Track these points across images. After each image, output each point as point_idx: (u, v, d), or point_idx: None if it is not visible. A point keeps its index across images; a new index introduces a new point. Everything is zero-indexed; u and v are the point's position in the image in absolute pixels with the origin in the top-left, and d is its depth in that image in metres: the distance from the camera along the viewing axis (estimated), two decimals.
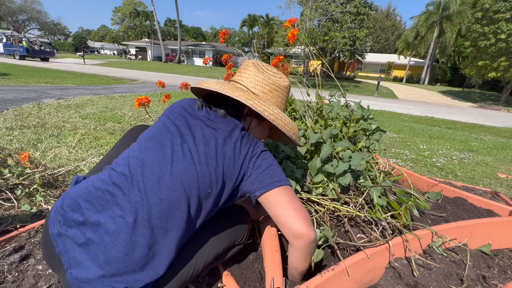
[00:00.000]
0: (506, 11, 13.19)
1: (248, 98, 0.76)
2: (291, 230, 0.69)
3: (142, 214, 0.64)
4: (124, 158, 0.73)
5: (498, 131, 6.48)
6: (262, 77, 0.84)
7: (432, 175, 2.50)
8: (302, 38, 1.19)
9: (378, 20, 39.62)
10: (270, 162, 0.76)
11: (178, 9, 29.41)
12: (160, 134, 0.75)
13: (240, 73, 0.88)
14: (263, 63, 0.90)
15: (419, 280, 0.82)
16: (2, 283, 0.85)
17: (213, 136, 0.74)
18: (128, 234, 0.62)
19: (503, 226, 1.08)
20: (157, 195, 0.65)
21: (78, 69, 14.05)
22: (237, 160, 0.73)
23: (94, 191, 0.68)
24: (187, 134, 0.74)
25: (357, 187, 1.13)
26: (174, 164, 0.69)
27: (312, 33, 15.99)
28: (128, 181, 0.67)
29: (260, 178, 0.73)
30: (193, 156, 0.70)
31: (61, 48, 51.75)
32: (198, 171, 0.69)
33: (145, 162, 0.70)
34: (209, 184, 0.70)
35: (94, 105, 4.45)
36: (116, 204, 0.65)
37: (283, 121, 0.81)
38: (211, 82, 0.80)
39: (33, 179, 1.51)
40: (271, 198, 0.72)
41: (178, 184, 0.67)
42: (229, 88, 0.78)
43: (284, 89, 0.88)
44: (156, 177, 0.67)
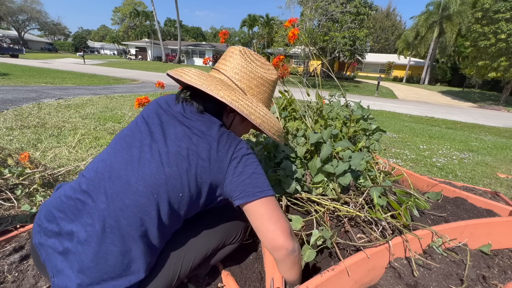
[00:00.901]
0: (506, 11, 13.18)
1: (234, 99, 0.69)
2: (270, 243, 0.67)
3: (110, 222, 0.61)
4: (94, 163, 0.70)
5: (498, 131, 6.48)
6: (249, 69, 0.76)
7: (432, 175, 2.50)
8: (302, 38, 1.19)
9: (378, 20, 39.61)
10: (253, 169, 0.69)
11: (178, 9, 29.41)
12: (130, 135, 0.70)
13: (224, 60, 0.79)
14: (250, 51, 0.80)
15: (419, 280, 0.82)
16: (2, 283, 0.85)
17: (185, 135, 0.67)
18: (98, 243, 0.60)
19: (503, 226, 1.08)
20: (123, 201, 0.62)
21: (78, 69, 14.05)
22: (213, 162, 0.67)
23: (65, 200, 0.66)
24: (157, 133, 0.68)
25: (357, 187, 1.12)
26: (141, 166, 0.64)
27: (312, 33, 15.99)
28: (96, 187, 0.64)
29: (241, 186, 0.68)
30: (161, 157, 0.64)
31: (61, 48, 51.73)
32: (167, 173, 0.63)
33: (113, 165, 0.65)
34: (180, 187, 0.64)
35: (94, 105, 4.45)
36: (87, 213, 0.63)
37: (269, 124, 0.76)
38: (192, 74, 0.72)
39: (33, 179, 1.51)
40: (252, 209, 0.68)
41: (145, 188, 0.62)
42: (213, 83, 0.70)
43: (272, 83, 0.81)
44: (122, 181, 0.63)
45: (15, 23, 44.70)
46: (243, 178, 0.68)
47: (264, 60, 0.82)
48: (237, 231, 0.87)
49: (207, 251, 0.79)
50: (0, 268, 0.89)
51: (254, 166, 0.70)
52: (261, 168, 0.72)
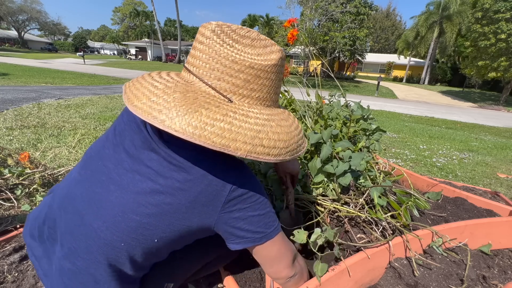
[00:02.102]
0: (506, 11, 13.19)
1: (199, 125, 0.44)
2: (272, 276, 0.67)
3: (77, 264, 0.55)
4: (63, 182, 0.64)
5: (498, 131, 6.48)
6: (231, 59, 0.51)
7: (432, 175, 2.50)
8: (302, 38, 1.19)
9: (378, 20, 39.62)
10: (252, 211, 0.55)
11: (178, 9, 29.40)
12: (96, 159, 0.59)
13: (194, 50, 0.54)
14: (230, 26, 0.55)
15: (419, 280, 0.82)
16: (2, 283, 0.85)
17: (161, 173, 0.51)
18: (70, 280, 0.56)
19: (503, 226, 1.07)
20: (88, 247, 0.54)
21: (78, 69, 14.04)
22: (198, 207, 0.52)
23: (40, 222, 0.64)
24: (126, 163, 0.54)
25: (357, 187, 1.12)
26: (104, 209, 0.53)
27: (312, 33, 16.00)
28: (63, 219, 0.58)
29: (238, 232, 0.56)
30: (129, 201, 0.52)
31: (61, 48, 51.73)
32: (136, 220, 0.52)
33: (76, 199, 0.57)
34: (155, 234, 0.53)
35: (94, 105, 4.45)
36: (57, 243, 0.59)
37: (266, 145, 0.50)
38: (141, 89, 0.50)
39: (33, 179, 1.51)
40: (254, 252, 0.62)
41: (109, 235, 0.53)
42: (169, 103, 0.46)
43: (272, 69, 0.54)
44: (83, 222, 0.54)
45: (15, 23, 44.72)
46: (241, 224, 0.55)
47: (255, 35, 0.57)
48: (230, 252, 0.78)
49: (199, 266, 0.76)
50: (0, 268, 0.89)
51: (256, 207, 0.56)
52: (265, 203, 0.58)
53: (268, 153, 0.50)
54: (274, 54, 0.55)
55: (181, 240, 0.58)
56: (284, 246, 0.64)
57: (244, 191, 0.54)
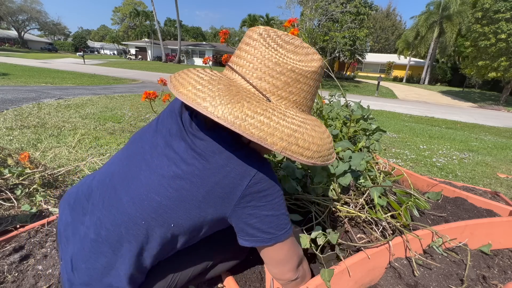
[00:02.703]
0: (506, 11, 13.19)
1: (239, 116, 0.47)
2: (275, 276, 0.67)
3: (102, 233, 0.59)
4: (108, 162, 0.68)
5: (498, 131, 6.48)
6: (275, 60, 0.54)
7: (432, 175, 2.50)
8: (302, 38, 1.19)
9: (378, 20, 39.63)
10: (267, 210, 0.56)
11: (178, 9, 29.41)
12: (138, 141, 0.64)
13: (240, 51, 0.59)
14: (277, 32, 0.58)
15: (419, 280, 0.82)
16: (2, 283, 0.85)
17: (185, 160, 0.55)
18: (90, 249, 0.59)
19: (503, 226, 1.08)
20: (115, 219, 0.58)
21: (78, 69, 14.05)
22: (216, 197, 0.54)
23: (80, 192, 0.68)
24: (159, 148, 0.58)
25: (357, 187, 1.12)
26: (134, 186, 0.57)
27: (312, 33, 16.00)
28: (99, 192, 0.63)
29: (249, 230, 0.57)
30: (154, 181, 0.56)
31: (61, 48, 51.75)
32: (157, 201, 0.55)
33: (114, 176, 0.63)
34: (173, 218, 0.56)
35: (94, 105, 4.45)
36: (88, 213, 0.63)
37: (301, 145, 0.51)
38: (191, 79, 0.52)
39: (33, 179, 1.51)
40: (262, 251, 0.63)
41: (133, 211, 0.57)
42: (214, 93, 0.48)
43: (312, 75, 0.57)
44: (117, 197, 0.59)
45: (15, 23, 44.72)
46: (253, 222, 0.56)
47: (298, 42, 0.59)
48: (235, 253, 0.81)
49: (204, 268, 0.75)
50: (0, 268, 0.89)
51: (271, 206, 0.56)
52: (280, 205, 0.58)
53: (301, 153, 0.51)
54: (315, 62, 0.58)
55: (195, 231, 0.59)
56: (292, 251, 0.64)
57: (261, 188, 0.55)
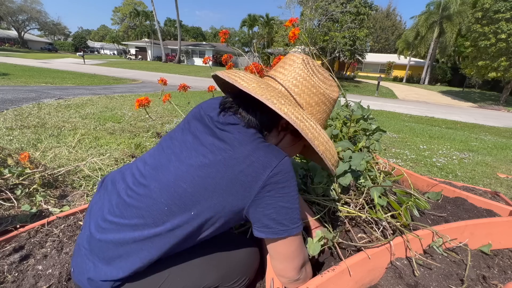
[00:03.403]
0: (506, 11, 13.20)
1: (299, 117, 0.58)
2: (278, 272, 0.68)
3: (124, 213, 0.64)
4: (144, 155, 0.76)
5: (498, 131, 6.48)
6: (312, 83, 0.66)
7: (432, 175, 2.50)
8: (303, 38, 1.19)
9: (378, 20, 39.64)
10: (284, 201, 0.60)
11: (178, 9, 29.43)
12: (167, 138, 0.72)
13: (283, 68, 0.69)
14: (314, 62, 0.69)
15: (420, 280, 0.82)
16: (2, 283, 0.85)
17: (213, 151, 0.60)
18: (110, 225, 0.65)
19: (503, 226, 1.07)
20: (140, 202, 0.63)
21: (78, 69, 14.05)
22: (239, 186, 0.58)
23: (113, 175, 0.77)
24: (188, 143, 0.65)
25: (357, 187, 1.12)
26: (163, 174, 0.64)
27: (312, 33, 16.00)
28: (130, 178, 0.70)
29: (265, 220, 0.60)
30: (182, 171, 0.61)
31: (61, 48, 51.75)
32: (183, 188, 0.60)
33: (146, 165, 0.69)
34: (195, 205, 0.60)
35: (94, 105, 4.45)
36: (114, 193, 0.70)
37: (330, 153, 0.63)
38: (248, 79, 0.61)
39: (33, 179, 1.51)
40: (271, 245, 0.65)
41: (159, 196, 0.61)
42: (274, 94, 0.59)
43: (332, 102, 0.71)
44: (146, 182, 0.65)
45: (15, 23, 44.74)
46: (270, 212, 0.59)
47: (327, 74, 0.71)
48: (239, 277, 0.74)
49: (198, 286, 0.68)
50: (0, 268, 0.89)
51: (288, 198, 0.60)
52: (295, 199, 0.61)
53: (330, 159, 0.63)
54: (335, 92, 0.71)
55: (211, 222, 0.62)
56: (300, 248, 0.66)
57: (281, 179, 0.59)
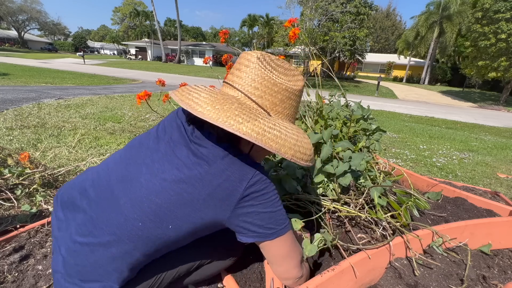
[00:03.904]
0: (506, 11, 13.19)
1: (260, 131, 0.54)
2: (281, 276, 0.69)
3: (94, 232, 0.60)
4: (103, 163, 0.71)
5: (498, 131, 6.48)
6: (272, 81, 0.62)
7: (432, 175, 2.50)
8: (303, 38, 1.19)
9: (378, 20, 39.62)
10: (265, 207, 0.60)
11: (178, 9, 29.42)
12: (138, 146, 0.67)
13: (239, 72, 0.65)
14: (270, 56, 0.67)
15: (419, 280, 0.82)
16: (2, 283, 0.85)
17: (188, 165, 0.58)
18: (81, 246, 0.60)
19: (503, 226, 1.07)
20: (109, 219, 0.59)
21: (78, 69, 14.05)
22: (216, 200, 0.58)
23: (72, 191, 0.69)
24: (161, 153, 0.62)
25: (357, 187, 1.12)
26: (132, 188, 0.60)
27: (312, 33, 15.99)
28: (93, 191, 0.64)
29: (250, 227, 0.60)
30: (155, 184, 0.58)
31: (61, 48, 51.72)
32: (157, 203, 0.58)
33: (111, 176, 0.64)
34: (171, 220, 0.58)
35: (94, 105, 4.45)
36: (80, 211, 0.64)
37: (301, 152, 0.60)
38: (201, 99, 0.56)
39: (33, 179, 1.51)
40: (264, 248, 0.65)
41: (131, 213, 0.58)
42: (230, 110, 0.54)
43: (299, 93, 0.68)
44: (114, 197, 0.61)
45: (15, 23, 44.73)
46: (253, 219, 0.60)
47: (287, 65, 0.68)
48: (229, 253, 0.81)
49: (192, 266, 0.75)
50: (0, 268, 0.89)
51: (268, 204, 0.60)
52: (276, 202, 0.62)
53: (302, 158, 0.60)
54: (300, 82, 0.68)
55: (191, 233, 0.62)
56: (294, 245, 0.67)
57: (258, 188, 0.59)
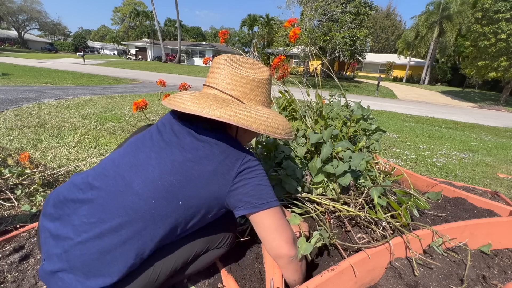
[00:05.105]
0: (506, 11, 13.18)
1: (232, 114, 0.66)
2: (274, 252, 0.72)
3: (104, 217, 0.63)
4: (105, 159, 0.74)
5: (498, 131, 6.48)
6: (240, 76, 0.75)
7: (432, 175, 2.50)
8: (302, 38, 1.19)
9: (378, 20, 39.61)
10: (258, 180, 0.71)
11: (178, 9, 29.42)
12: (142, 140, 0.74)
13: (213, 74, 0.78)
14: (236, 56, 0.80)
15: (419, 280, 0.82)
16: (2, 283, 0.85)
17: (194, 146, 0.69)
18: (88, 234, 0.63)
19: (503, 226, 1.08)
20: (122, 201, 0.64)
21: (78, 69, 14.05)
22: (218, 175, 0.68)
23: (72, 188, 0.70)
24: (166, 142, 0.71)
25: (357, 187, 1.12)
26: (144, 171, 0.66)
27: (312, 33, 15.99)
28: (100, 183, 0.67)
29: (246, 198, 0.69)
30: (166, 165, 0.67)
31: (61, 48, 51.72)
32: (169, 181, 0.65)
33: (119, 166, 0.69)
34: (181, 196, 0.66)
35: (94, 105, 4.45)
36: (85, 203, 0.66)
37: (273, 126, 0.72)
38: (185, 100, 0.70)
39: (33, 179, 1.51)
40: (257, 220, 0.71)
41: (145, 192, 0.64)
42: (207, 103, 0.67)
43: (266, 81, 0.80)
44: (125, 182, 0.66)
45: (15, 23, 44.72)
46: (248, 190, 0.70)
47: (252, 61, 0.81)
48: (223, 237, 0.86)
49: (189, 257, 0.78)
50: (0, 268, 0.89)
51: (260, 178, 0.72)
52: (266, 180, 0.73)
53: (274, 132, 0.72)
54: (265, 72, 0.80)
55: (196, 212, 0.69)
56: (284, 220, 0.73)
57: (251, 164, 0.72)
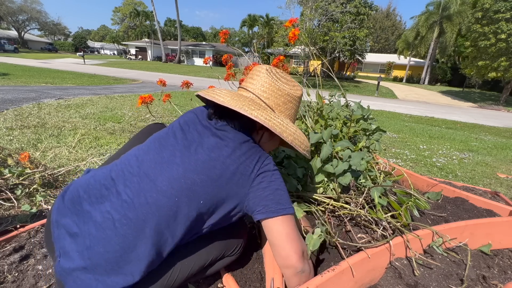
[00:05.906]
0: (506, 11, 13.18)
1: (267, 117, 0.72)
2: (282, 261, 0.69)
3: (129, 215, 0.63)
4: (128, 155, 0.75)
5: (498, 131, 6.48)
6: (276, 87, 0.80)
7: (432, 175, 2.50)
8: (302, 38, 1.19)
9: (378, 20, 39.61)
10: (277, 185, 0.72)
11: (178, 9, 29.42)
12: (165, 138, 0.75)
13: (252, 79, 0.83)
14: (276, 69, 0.84)
15: (419, 280, 0.82)
16: (2, 283, 0.85)
17: (217, 146, 0.71)
18: (112, 231, 0.62)
19: (503, 226, 1.08)
20: (146, 198, 0.65)
21: (78, 69, 14.05)
22: (240, 175, 0.69)
23: (93, 183, 0.70)
24: (190, 141, 0.72)
25: (357, 187, 1.12)
26: (169, 168, 0.68)
27: (312, 33, 15.98)
28: (124, 179, 0.68)
29: (264, 201, 0.70)
30: (190, 163, 0.68)
31: (61, 48, 51.69)
32: (192, 179, 0.67)
33: (144, 162, 0.70)
34: (203, 195, 0.67)
35: (94, 105, 4.45)
36: (109, 199, 0.66)
37: (299, 140, 0.78)
38: (222, 94, 0.75)
39: (33, 179, 1.51)
40: (271, 225, 0.70)
41: (169, 189, 0.65)
42: (245, 102, 0.72)
43: (297, 99, 0.84)
44: (149, 179, 0.67)
45: (15, 23, 44.72)
46: (267, 194, 0.70)
47: (289, 77, 0.85)
48: (237, 244, 0.87)
49: (206, 262, 0.79)
50: (0, 268, 0.89)
51: (278, 183, 0.72)
52: (284, 185, 0.74)
53: (300, 146, 0.78)
54: (299, 90, 0.85)
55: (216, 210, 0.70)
56: (297, 231, 0.72)
57: (271, 168, 0.73)
